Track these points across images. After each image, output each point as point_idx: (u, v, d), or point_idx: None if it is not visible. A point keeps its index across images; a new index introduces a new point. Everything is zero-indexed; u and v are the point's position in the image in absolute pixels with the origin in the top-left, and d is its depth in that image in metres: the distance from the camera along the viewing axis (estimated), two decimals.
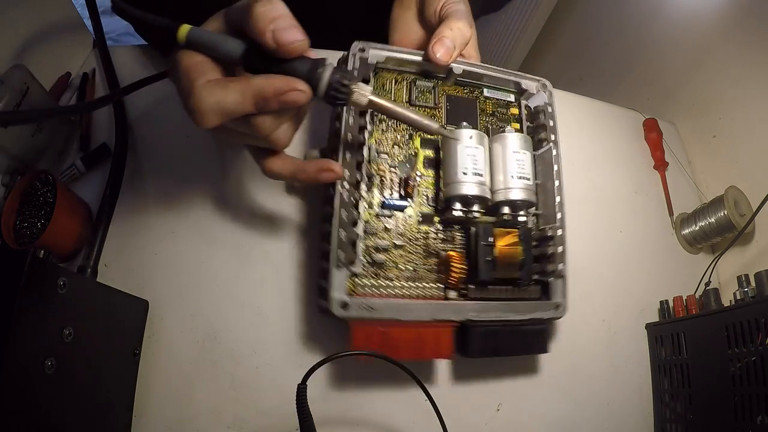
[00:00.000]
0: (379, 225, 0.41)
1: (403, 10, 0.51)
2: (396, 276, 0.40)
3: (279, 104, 0.29)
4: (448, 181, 0.41)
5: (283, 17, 0.28)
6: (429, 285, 0.41)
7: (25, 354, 0.29)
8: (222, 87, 0.28)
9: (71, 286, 0.32)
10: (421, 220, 0.42)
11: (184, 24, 0.29)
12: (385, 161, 0.42)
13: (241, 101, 0.28)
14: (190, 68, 0.29)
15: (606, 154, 0.62)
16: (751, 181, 0.56)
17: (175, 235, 0.47)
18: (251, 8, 0.28)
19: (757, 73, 0.59)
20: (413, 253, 0.42)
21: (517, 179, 0.42)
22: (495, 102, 0.48)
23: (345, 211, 0.38)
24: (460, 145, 0.40)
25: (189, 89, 0.28)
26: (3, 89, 0.43)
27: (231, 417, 0.41)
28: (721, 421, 0.41)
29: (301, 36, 0.28)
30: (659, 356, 0.50)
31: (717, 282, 0.56)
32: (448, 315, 0.39)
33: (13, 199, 0.42)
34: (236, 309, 0.44)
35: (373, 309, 0.37)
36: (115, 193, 0.46)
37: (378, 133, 0.43)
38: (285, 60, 0.29)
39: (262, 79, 0.29)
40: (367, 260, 0.39)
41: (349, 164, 0.39)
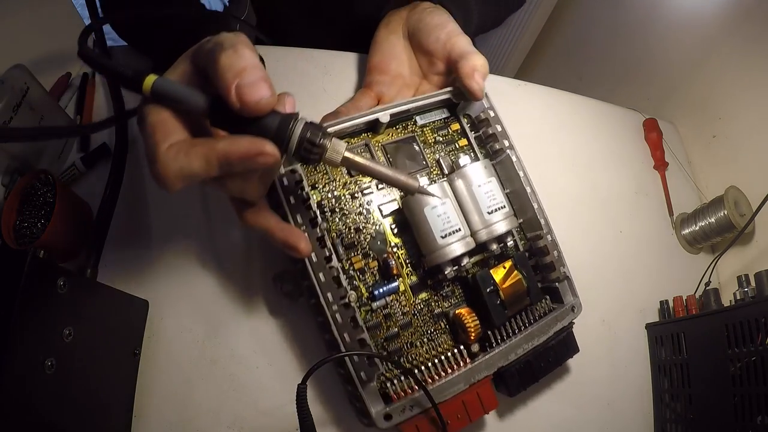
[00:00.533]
0: (379, 317, 0.39)
1: (389, 33, 0.50)
2: (417, 356, 0.39)
3: (245, 169, 0.27)
4: (427, 250, 0.39)
5: (249, 70, 0.26)
6: (451, 352, 0.39)
7: (25, 354, 0.29)
8: (185, 153, 0.27)
9: (71, 286, 0.32)
10: (415, 291, 0.41)
11: (150, 74, 0.28)
12: (355, 251, 0.40)
13: (206, 167, 0.27)
14: (155, 128, 0.28)
15: (606, 154, 0.62)
16: (751, 181, 0.56)
17: (175, 235, 0.47)
18: (216, 58, 0.27)
19: (757, 73, 0.59)
20: (422, 325, 0.41)
21: (494, 213, 0.40)
22: (432, 126, 0.45)
23: (341, 318, 0.36)
24: (427, 207, 0.38)
25: (153, 154, 0.27)
26: (3, 89, 0.42)
27: (231, 417, 0.41)
28: (721, 421, 0.41)
29: (268, 92, 0.26)
30: (659, 356, 0.50)
31: (717, 282, 0.56)
32: (481, 374, 0.39)
33: (13, 199, 0.42)
34: (236, 309, 0.44)
35: (414, 406, 0.36)
36: (115, 193, 0.46)
37: (334, 221, 0.40)
38: (252, 118, 0.27)
39: (227, 142, 0.27)
40: (385, 355, 0.38)
41: (329, 282, 0.36)
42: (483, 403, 0.39)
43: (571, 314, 0.43)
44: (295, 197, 0.37)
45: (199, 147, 0.27)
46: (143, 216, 0.47)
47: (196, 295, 0.44)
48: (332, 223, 0.40)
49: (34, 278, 0.29)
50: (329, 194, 0.40)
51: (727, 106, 0.63)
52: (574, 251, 0.45)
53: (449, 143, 0.45)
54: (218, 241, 0.47)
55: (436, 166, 0.45)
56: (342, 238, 0.40)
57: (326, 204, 0.40)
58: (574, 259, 0.44)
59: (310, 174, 0.40)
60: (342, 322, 0.36)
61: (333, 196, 0.41)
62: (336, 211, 0.40)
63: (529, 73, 1.17)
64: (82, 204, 0.46)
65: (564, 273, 0.43)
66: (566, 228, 0.47)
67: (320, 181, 0.40)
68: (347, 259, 0.39)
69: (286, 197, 0.36)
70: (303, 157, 0.29)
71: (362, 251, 0.40)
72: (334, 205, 0.40)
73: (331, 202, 0.40)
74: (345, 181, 0.41)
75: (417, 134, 0.45)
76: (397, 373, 0.38)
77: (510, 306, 0.40)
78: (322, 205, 0.40)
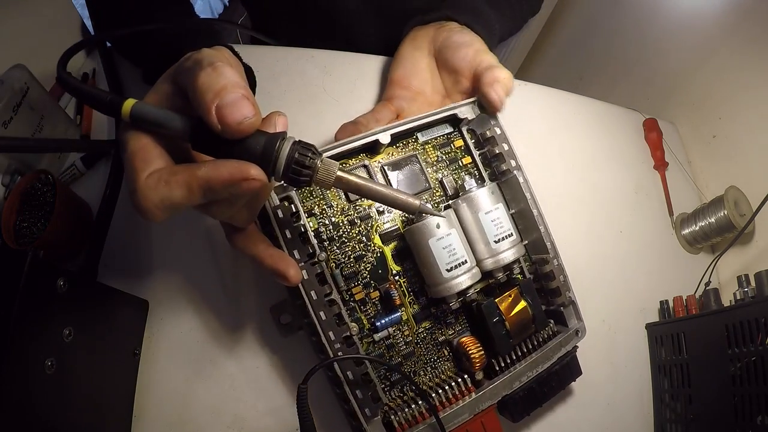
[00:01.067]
0: (381, 348, 0.38)
1: (413, 49, 0.50)
2: (421, 384, 0.39)
3: (230, 194, 0.26)
4: (432, 283, 0.37)
5: (229, 88, 0.25)
6: (454, 381, 0.38)
7: (25, 354, 0.29)
8: (165, 182, 0.25)
9: (71, 286, 0.32)
10: (418, 320, 0.40)
11: (129, 99, 0.27)
12: (355, 281, 0.38)
13: (188, 195, 0.25)
14: (134, 155, 0.26)
15: (606, 154, 0.62)
16: (751, 181, 0.56)
17: (175, 235, 0.46)
18: (195, 78, 0.25)
19: (757, 73, 0.59)
20: (425, 353, 0.40)
21: (501, 242, 0.38)
22: (434, 143, 0.43)
23: (343, 354, 0.35)
24: (432, 239, 0.36)
25: (133, 184, 0.26)
26: (3, 89, 0.43)
27: (231, 417, 0.41)
28: (721, 421, 0.41)
29: (251, 111, 0.25)
30: (659, 356, 0.50)
31: (717, 282, 0.56)
32: (486, 404, 0.38)
33: (13, 199, 0.42)
34: (236, 309, 0.44)
35: None
36: (115, 193, 0.46)
37: (333, 250, 0.38)
38: (235, 140, 0.26)
39: (209, 168, 0.25)
40: (386, 386, 0.38)
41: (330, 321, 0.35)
42: (489, 430, 0.38)
43: (575, 338, 0.42)
44: (291, 230, 0.35)
45: (180, 175, 0.25)
46: None
47: (196, 295, 0.44)
48: (331, 252, 0.38)
49: (34, 278, 0.29)
50: (326, 221, 0.38)
51: (727, 106, 0.63)
52: (574, 251, 0.45)
53: (452, 161, 0.43)
54: (218, 241, 0.46)
55: (440, 187, 0.43)
56: (341, 268, 0.38)
57: (324, 232, 0.38)
58: (574, 260, 0.44)
59: (306, 200, 0.38)
60: (343, 362, 0.35)
61: (331, 223, 0.39)
62: (335, 239, 0.38)
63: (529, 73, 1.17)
64: (82, 204, 0.46)
65: (570, 298, 0.42)
66: (566, 228, 0.47)
67: (317, 207, 0.38)
68: (347, 290, 0.38)
69: (281, 231, 0.35)
70: (292, 180, 0.27)
71: (363, 281, 0.39)
72: (332, 233, 0.38)
73: (329, 230, 0.38)
74: (343, 207, 0.39)
75: (418, 152, 0.42)
76: (401, 403, 0.37)
77: (515, 335, 0.39)
78: (320, 233, 0.38)
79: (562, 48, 1.10)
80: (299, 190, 0.37)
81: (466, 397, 0.38)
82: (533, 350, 0.40)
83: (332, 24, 0.62)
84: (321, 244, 0.38)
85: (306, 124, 0.51)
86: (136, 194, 0.26)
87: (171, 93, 0.29)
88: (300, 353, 0.43)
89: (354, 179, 0.29)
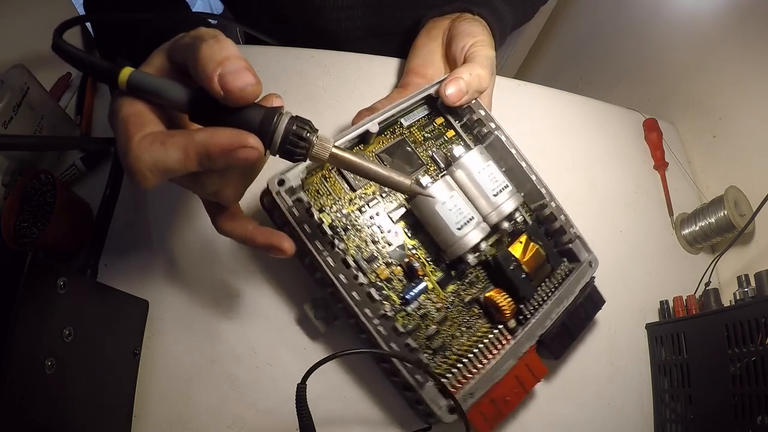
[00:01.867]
0: (416, 319, 0.40)
1: (429, 40, 0.51)
2: (461, 346, 0.40)
3: (226, 163, 0.26)
4: (446, 245, 0.40)
5: (232, 58, 0.25)
6: (491, 334, 0.41)
7: (25, 354, 0.29)
8: (161, 143, 0.25)
9: (71, 286, 0.32)
10: (443, 285, 0.42)
11: (126, 66, 0.26)
12: (377, 262, 0.40)
13: (183, 160, 0.25)
14: (128, 119, 0.26)
15: (606, 154, 0.62)
16: (751, 181, 0.56)
17: (175, 235, 0.47)
18: (197, 49, 0.25)
19: (757, 73, 0.59)
20: (457, 315, 0.42)
21: (499, 194, 0.41)
22: (418, 125, 0.46)
23: (384, 330, 0.36)
24: (438, 204, 0.39)
25: (126, 146, 0.25)
26: (3, 89, 0.43)
27: (231, 417, 0.41)
28: (721, 421, 0.41)
29: (253, 79, 0.25)
30: (659, 356, 0.50)
31: (717, 282, 0.55)
32: (525, 346, 0.40)
33: (13, 199, 0.42)
34: (236, 309, 0.44)
35: (473, 394, 0.37)
36: (115, 193, 0.46)
37: (350, 238, 0.40)
38: (235, 109, 0.26)
39: (207, 133, 0.25)
40: (431, 354, 0.39)
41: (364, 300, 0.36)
42: (533, 372, 0.40)
43: (590, 269, 0.44)
44: (309, 225, 0.36)
45: (177, 137, 0.25)
46: (143, 216, 0.48)
47: (196, 295, 0.44)
48: (349, 241, 0.40)
49: (34, 278, 0.29)
50: (338, 213, 0.41)
51: (727, 106, 0.63)
52: None
53: (438, 137, 0.46)
54: (218, 240, 0.47)
55: (432, 162, 0.45)
56: (361, 253, 0.40)
57: (338, 224, 0.40)
58: None
59: (315, 198, 0.40)
60: (387, 334, 0.36)
61: (342, 215, 0.41)
62: (349, 229, 0.40)
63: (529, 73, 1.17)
64: (82, 204, 0.46)
65: (574, 233, 0.44)
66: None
67: (326, 204, 0.40)
68: (372, 272, 0.40)
69: (300, 227, 0.36)
70: (288, 153, 0.27)
71: (384, 261, 0.41)
72: (345, 224, 0.40)
73: (341, 222, 0.40)
74: (350, 198, 0.41)
75: (406, 136, 0.45)
76: (448, 367, 0.39)
77: (535, 277, 0.42)
78: (334, 226, 0.40)
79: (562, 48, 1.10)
80: (307, 189, 0.38)
81: (506, 345, 0.40)
82: (555, 288, 0.43)
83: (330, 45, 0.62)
84: (337, 235, 0.39)
85: None
86: (129, 155, 0.25)
87: (165, 68, 0.29)
88: (299, 352, 0.43)
89: (349, 156, 0.29)
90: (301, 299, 0.45)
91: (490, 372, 0.38)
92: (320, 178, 0.41)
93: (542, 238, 0.43)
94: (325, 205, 0.40)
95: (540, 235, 0.44)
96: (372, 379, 0.43)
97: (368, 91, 0.57)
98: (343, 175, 0.42)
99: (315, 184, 0.41)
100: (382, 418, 0.42)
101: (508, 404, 0.39)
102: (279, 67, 0.57)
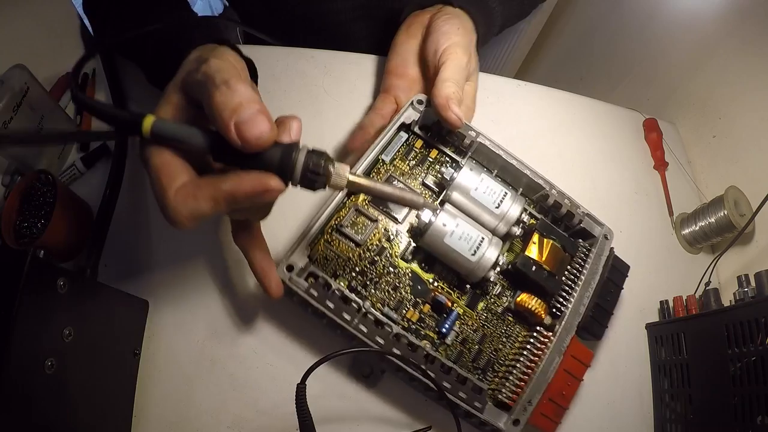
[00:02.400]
0: (457, 347, 0.41)
1: (408, 37, 0.49)
2: (506, 356, 0.41)
3: (252, 203, 0.28)
4: (466, 271, 0.40)
5: (246, 105, 0.26)
6: (531, 337, 0.41)
7: (25, 354, 0.29)
8: (193, 197, 0.27)
9: (71, 286, 0.32)
10: (473, 306, 0.43)
11: (148, 115, 0.28)
12: (405, 307, 0.41)
13: (214, 207, 0.28)
14: (160, 171, 0.28)
15: (606, 154, 0.62)
16: (751, 181, 0.56)
17: (175, 235, 0.47)
18: (210, 96, 0.27)
19: (757, 73, 0.59)
20: (495, 328, 0.42)
21: (501, 204, 0.42)
22: (400, 156, 0.45)
23: (433, 372, 0.37)
24: (445, 236, 0.39)
25: (163, 200, 0.28)
26: (3, 89, 0.43)
27: (231, 417, 0.41)
28: (721, 421, 0.41)
29: (267, 126, 0.26)
30: (659, 356, 0.50)
31: (717, 282, 0.55)
32: (567, 339, 0.40)
33: (13, 199, 0.42)
34: (236, 309, 0.44)
35: (531, 401, 0.37)
36: (115, 193, 0.46)
37: (371, 292, 0.40)
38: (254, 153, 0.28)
39: (233, 182, 0.27)
40: (480, 373, 0.40)
41: (407, 352, 0.37)
42: (581, 360, 0.41)
43: (607, 242, 0.45)
44: (331, 300, 0.37)
45: (205, 189, 0.27)
46: (143, 216, 0.48)
47: (196, 295, 0.44)
48: (372, 296, 0.40)
49: (34, 278, 0.29)
50: (352, 273, 0.41)
51: (727, 106, 0.63)
52: None
53: (422, 161, 0.46)
54: (218, 240, 0.47)
55: (425, 189, 0.45)
56: (387, 304, 0.40)
57: (356, 284, 0.41)
58: None
59: (325, 266, 0.40)
60: (436, 375, 0.37)
61: (356, 273, 0.41)
62: (368, 284, 0.41)
63: (529, 73, 1.17)
64: (82, 204, 0.46)
65: (582, 212, 0.45)
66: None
67: (337, 267, 0.41)
68: (403, 318, 0.40)
69: (323, 305, 0.37)
70: (309, 184, 0.29)
71: (410, 303, 0.41)
72: (363, 280, 0.41)
73: (358, 280, 0.41)
74: (358, 253, 0.42)
75: (392, 172, 0.45)
76: (499, 381, 0.40)
77: (558, 271, 0.42)
78: (353, 287, 0.40)
79: (562, 48, 1.10)
80: (315, 261, 0.40)
81: (549, 344, 0.40)
82: (579, 272, 0.43)
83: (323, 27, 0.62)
84: (359, 294, 0.40)
85: (306, 124, 0.50)
86: (168, 210, 0.28)
87: (183, 104, 0.30)
88: (299, 352, 0.43)
89: (365, 181, 0.30)
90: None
91: (540, 374, 0.38)
92: (323, 243, 0.41)
93: (554, 230, 0.44)
94: (336, 269, 0.41)
95: (549, 227, 0.44)
96: None
97: (368, 91, 0.57)
98: (344, 234, 0.41)
99: (320, 251, 0.41)
100: (382, 418, 0.42)
101: (566, 397, 0.39)
102: (279, 67, 0.57)
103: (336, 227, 0.41)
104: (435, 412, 0.43)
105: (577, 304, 0.41)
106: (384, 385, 0.43)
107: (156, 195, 0.28)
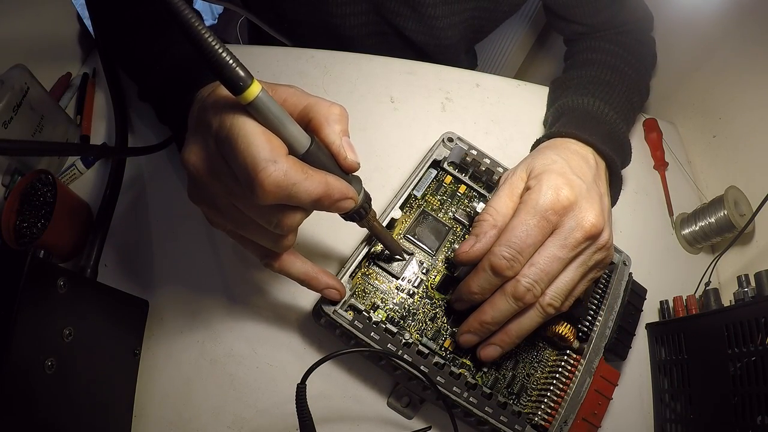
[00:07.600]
0: (492, 374, 0.41)
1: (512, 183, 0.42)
2: (538, 381, 0.42)
3: (331, 206, 0.29)
4: None
5: (344, 130, 0.29)
6: (562, 361, 0.42)
7: (25, 354, 0.29)
8: (304, 173, 0.26)
9: (71, 286, 0.33)
10: None
11: (256, 81, 0.24)
12: (442, 337, 0.41)
13: (312, 193, 0.26)
14: (269, 138, 0.25)
15: None
16: (751, 181, 0.56)
17: (175, 235, 0.47)
18: (323, 127, 0.29)
19: (757, 74, 0.59)
20: (527, 354, 0.43)
21: None
22: (430, 191, 0.47)
23: (475, 399, 0.38)
24: None
25: (267, 160, 0.24)
26: (3, 89, 0.43)
27: (231, 417, 0.41)
28: (721, 421, 0.41)
29: (357, 159, 0.30)
30: (659, 356, 0.50)
31: (717, 282, 0.55)
32: (596, 361, 0.42)
33: (13, 199, 0.42)
34: (236, 309, 0.44)
35: (566, 422, 0.39)
36: (115, 193, 0.46)
37: (409, 324, 0.41)
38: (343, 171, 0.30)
39: (335, 179, 0.28)
40: (514, 398, 0.41)
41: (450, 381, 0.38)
42: (609, 380, 0.42)
43: (625, 268, 0.47)
44: (376, 332, 0.38)
45: (316, 174, 0.27)
46: (143, 216, 0.48)
47: (195, 296, 0.44)
48: (411, 328, 0.41)
49: (34, 278, 0.29)
50: (390, 304, 0.42)
51: (727, 106, 0.63)
52: None
53: (452, 196, 0.47)
54: (218, 240, 0.47)
55: (457, 224, 0.46)
56: (425, 333, 0.41)
57: (394, 315, 0.41)
58: None
59: (361, 299, 0.41)
60: (477, 401, 0.38)
61: (395, 304, 0.42)
62: (407, 316, 0.41)
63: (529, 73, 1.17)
64: (82, 204, 0.46)
65: None
66: None
67: (376, 300, 0.41)
68: (441, 348, 0.41)
69: (369, 337, 0.38)
70: (351, 218, 0.33)
71: (447, 333, 0.42)
72: (401, 312, 0.41)
73: (397, 312, 0.41)
74: (396, 286, 0.42)
75: (424, 206, 0.46)
76: (534, 404, 0.40)
77: (583, 296, 0.43)
78: (392, 318, 0.41)
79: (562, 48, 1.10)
80: (355, 294, 0.41)
81: (579, 366, 0.41)
82: (603, 298, 0.45)
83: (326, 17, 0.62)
84: (398, 325, 0.41)
85: None
86: (264, 172, 0.24)
87: (212, 153, 0.27)
88: (299, 352, 0.43)
89: (380, 227, 0.36)
90: (302, 300, 0.45)
91: (573, 395, 0.40)
92: (361, 276, 0.42)
93: None
94: (375, 301, 0.41)
95: None
96: (372, 379, 0.43)
97: (368, 91, 0.57)
98: (382, 267, 0.42)
99: (359, 284, 0.41)
100: (382, 418, 0.42)
101: (597, 416, 0.41)
102: (279, 67, 0.57)
103: (373, 260, 0.42)
104: (435, 413, 0.43)
105: (602, 327, 0.43)
106: (384, 386, 0.43)
107: (248, 158, 0.24)
